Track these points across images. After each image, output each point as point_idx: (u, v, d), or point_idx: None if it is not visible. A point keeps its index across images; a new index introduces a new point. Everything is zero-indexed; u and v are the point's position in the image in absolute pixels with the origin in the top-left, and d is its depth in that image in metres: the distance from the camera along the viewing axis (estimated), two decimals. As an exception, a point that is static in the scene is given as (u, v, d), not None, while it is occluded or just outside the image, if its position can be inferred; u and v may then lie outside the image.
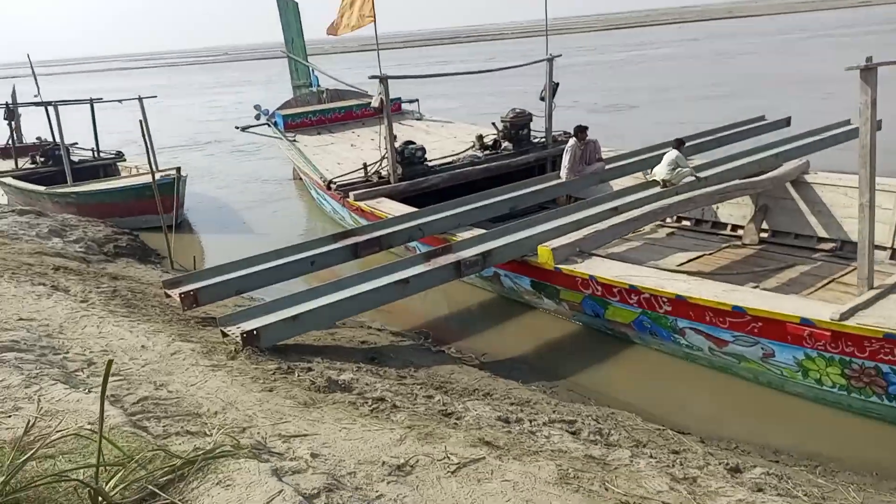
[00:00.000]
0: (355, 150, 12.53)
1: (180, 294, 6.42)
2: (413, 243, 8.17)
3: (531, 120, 11.72)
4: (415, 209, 8.71)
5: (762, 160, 9.18)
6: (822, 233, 8.65)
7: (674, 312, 5.88)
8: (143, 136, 14.00)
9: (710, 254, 8.75)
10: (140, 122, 13.83)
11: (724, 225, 9.51)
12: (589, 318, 7.02)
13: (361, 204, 9.64)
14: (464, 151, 11.66)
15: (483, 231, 7.69)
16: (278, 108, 14.33)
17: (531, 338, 7.23)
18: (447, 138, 12.99)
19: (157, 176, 12.29)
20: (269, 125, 13.89)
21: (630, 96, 26.30)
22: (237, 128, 13.61)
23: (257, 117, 14.14)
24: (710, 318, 5.61)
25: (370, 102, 14.65)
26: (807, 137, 10.06)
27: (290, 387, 4.61)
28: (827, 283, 7.47)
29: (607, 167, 9.65)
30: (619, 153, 10.51)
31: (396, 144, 10.21)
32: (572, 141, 9.37)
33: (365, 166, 10.46)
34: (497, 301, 8.24)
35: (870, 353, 4.91)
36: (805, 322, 5.07)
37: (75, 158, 15.49)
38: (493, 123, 11.98)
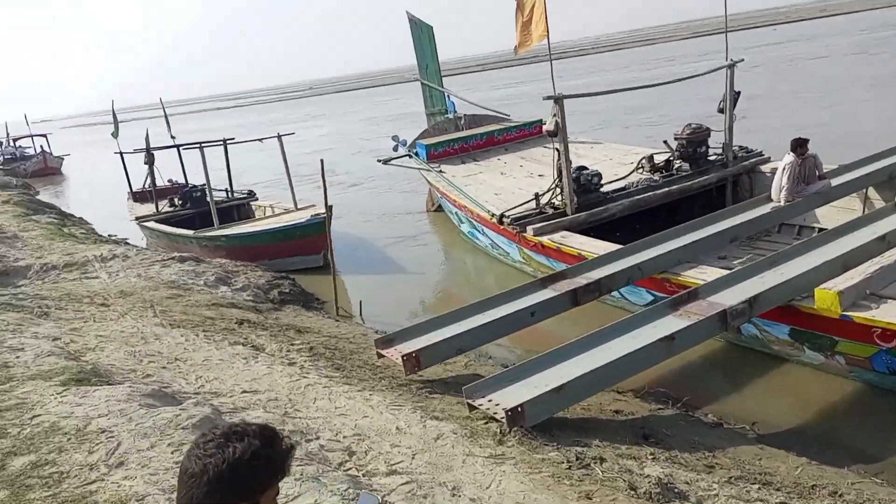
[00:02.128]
0: (507, 179, 11.71)
1: (403, 357, 5.66)
2: (627, 287, 7.16)
3: (709, 135, 10.56)
4: (619, 245, 7.72)
5: None
6: None
7: None
8: (287, 173, 13.85)
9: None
10: (283, 160, 13.71)
11: None
12: (878, 376, 5.79)
13: (543, 239, 8.74)
14: (629, 174, 10.62)
15: (724, 271, 6.62)
16: (418, 138, 13.74)
17: (799, 399, 6.06)
18: (602, 160, 11.97)
19: (308, 216, 11.93)
20: (410, 156, 13.30)
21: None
22: (380, 161, 13.09)
23: (395, 148, 13.60)
24: None
25: (515, 125, 14.07)
26: None
27: (610, 492, 3.68)
28: None
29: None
30: (828, 168, 9.18)
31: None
32: (790, 157, 8.16)
33: (537, 196, 9.57)
34: (725, 350, 7.09)
35: None
36: None
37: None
38: (665, 142, 10.88)
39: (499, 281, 10.74)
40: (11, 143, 41.11)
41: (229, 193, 15.98)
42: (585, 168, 9.72)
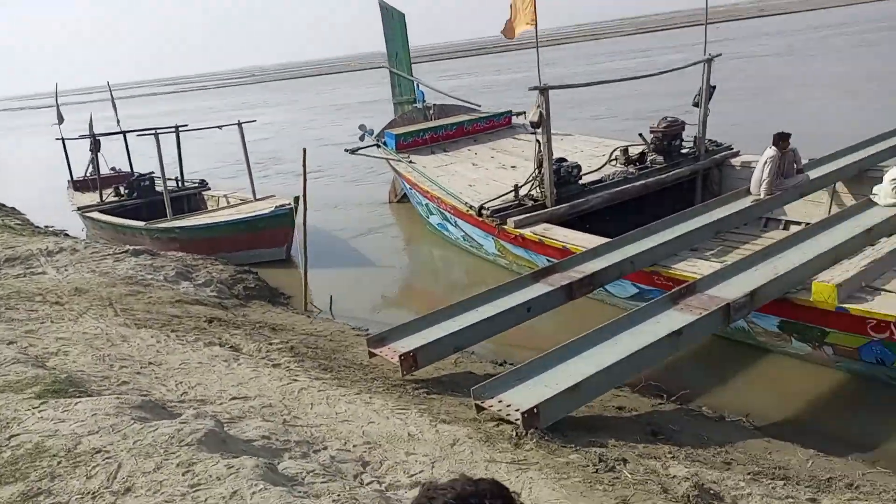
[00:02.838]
0: (480, 170, 11.49)
1: (401, 357, 5.38)
2: (619, 282, 7.04)
3: (684, 129, 10.59)
4: (606, 239, 7.61)
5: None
6: None
7: None
8: (247, 163, 13.27)
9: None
10: (242, 148, 13.13)
11: None
12: (865, 366, 5.85)
13: (525, 232, 8.57)
14: (602, 167, 10.56)
15: (716, 264, 6.60)
16: (386, 127, 13.35)
17: (787, 390, 6.07)
18: (573, 153, 11.86)
19: (271, 207, 11.44)
20: (378, 146, 12.91)
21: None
22: (347, 150, 12.63)
23: (362, 138, 13.17)
24: None
25: (484, 116, 13.83)
26: None
27: (646, 496, 3.51)
28: None
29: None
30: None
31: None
32: (772, 151, 8.21)
33: (516, 188, 9.39)
34: (708, 342, 7.04)
35: None
36: None
37: (159, 189, 14.65)
38: (641, 134, 10.86)
39: (469, 274, 10.55)
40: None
41: (179, 182, 15.22)
42: (565, 160, 9.59)
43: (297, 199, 11.27)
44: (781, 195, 8.20)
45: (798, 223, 9.52)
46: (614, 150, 11.02)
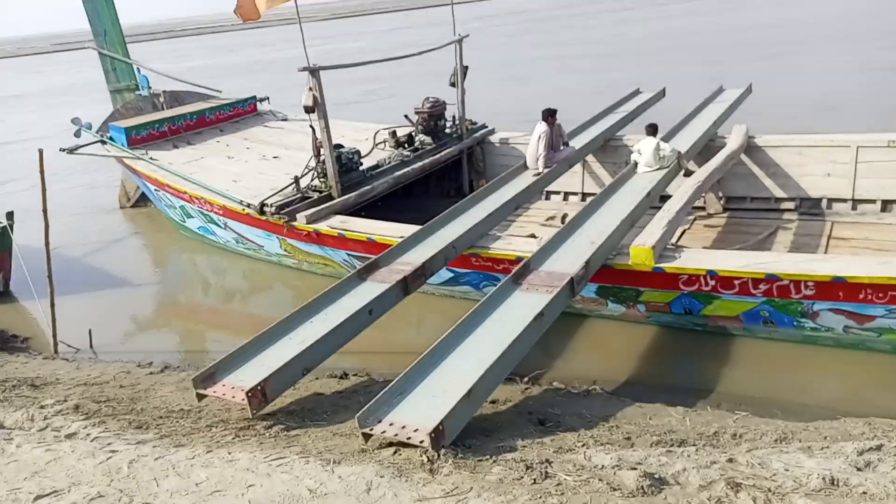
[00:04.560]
0: (239, 163, 10.33)
1: (248, 393, 4.44)
2: (441, 270, 6.77)
3: (445, 109, 10.69)
4: (412, 226, 7.29)
5: (707, 131, 9.36)
6: (779, 193, 9.10)
7: (816, 296, 5.55)
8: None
9: (687, 229, 8.73)
10: None
11: None
12: (673, 318, 6.45)
13: (321, 227, 7.87)
14: (371, 151, 10.25)
15: (531, 240, 6.72)
16: (108, 120, 11.24)
17: (613, 350, 6.46)
18: (337, 138, 11.34)
19: (-26, 226, 8.94)
20: (103, 142, 10.82)
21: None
22: (63, 150, 10.32)
23: (77, 133, 10.94)
24: (865, 296, 5.39)
25: (227, 103, 12.43)
26: (711, 105, 10.55)
27: (601, 497, 3.30)
28: (830, 240, 7.84)
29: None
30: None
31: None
32: (543, 126, 8.61)
33: (297, 180, 8.57)
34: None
35: None
36: None
37: None
38: (406, 116, 10.70)
39: (249, 279, 9.49)
40: None
41: None
42: (342, 146, 9.00)
43: (10, 214, 9.01)
44: (556, 167, 8.69)
45: (573, 193, 10.31)
46: (377, 133, 10.76)
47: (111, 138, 10.87)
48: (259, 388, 4.52)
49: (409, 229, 7.40)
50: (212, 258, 10.17)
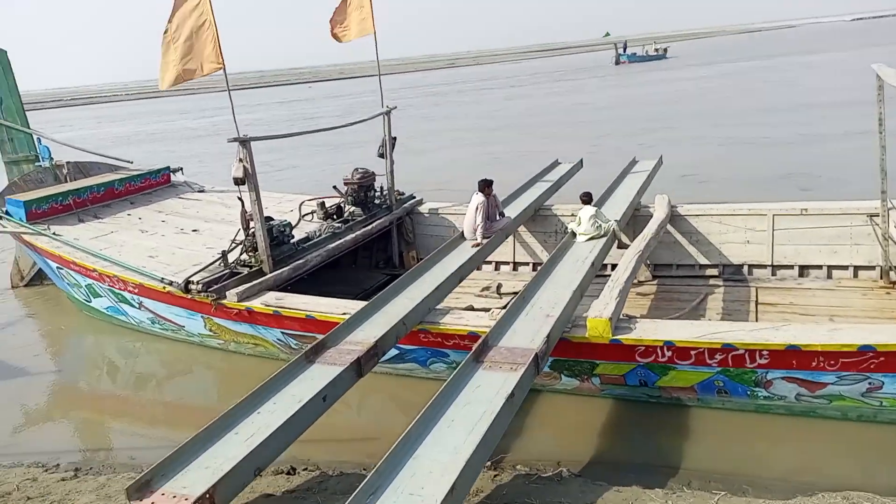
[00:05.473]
0: (155, 238, 9.64)
1: (195, 503, 3.87)
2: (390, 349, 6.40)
3: (375, 179, 10.54)
4: (357, 301, 6.94)
5: (633, 201, 9.66)
6: (703, 260, 9.44)
7: (770, 365, 5.62)
8: None
9: (623, 298, 8.83)
10: None
11: (609, 266, 9.71)
12: (628, 390, 6.36)
13: (254, 304, 7.36)
14: (298, 222, 9.88)
15: (481, 314, 6.52)
16: (5, 193, 10.26)
17: (570, 427, 6.26)
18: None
19: None
20: (-3, 216, 9.84)
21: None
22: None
23: (-35, 207, 9.95)
24: (817, 364, 5.50)
25: (138, 174, 11.70)
26: (629, 177, 10.97)
27: None
28: (758, 307, 8.12)
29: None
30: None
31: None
32: (480, 197, 8.58)
33: (224, 255, 8.05)
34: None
35: None
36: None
37: None
38: (335, 187, 10.44)
39: (166, 363, 8.71)
40: None
41: None
42: (272, 218, 8.59)
43: None
44: (494, 238, 8.64)
45: (505, 262, 10.28)
46: (302, 204, 10.46)
47: (7, 212, 9.93)
48: (207, 496, 3.95)
49: (350, 305, 7.05)
50: (121, 340, 9.31)
